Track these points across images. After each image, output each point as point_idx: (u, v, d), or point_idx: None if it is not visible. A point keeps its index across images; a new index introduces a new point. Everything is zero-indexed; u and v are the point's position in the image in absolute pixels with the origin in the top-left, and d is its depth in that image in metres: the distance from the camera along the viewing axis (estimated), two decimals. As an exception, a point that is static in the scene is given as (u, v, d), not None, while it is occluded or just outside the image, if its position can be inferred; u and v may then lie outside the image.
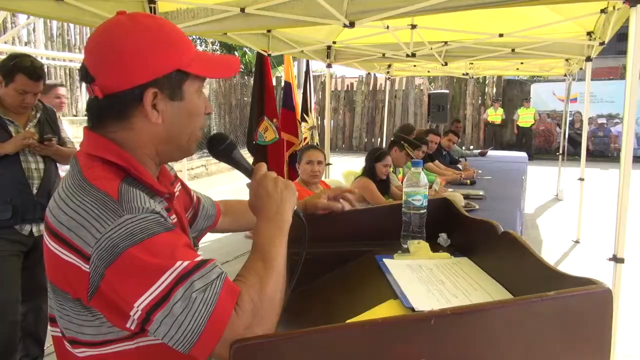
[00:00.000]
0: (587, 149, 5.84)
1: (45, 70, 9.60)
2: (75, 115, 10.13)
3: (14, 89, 2.41)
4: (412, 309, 0.94)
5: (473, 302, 0.97)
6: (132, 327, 0.79)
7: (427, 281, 1.10)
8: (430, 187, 3.76)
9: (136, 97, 0.85)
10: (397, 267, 1.19)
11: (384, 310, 1.00)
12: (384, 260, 1.24)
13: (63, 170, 2.75)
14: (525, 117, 13.58)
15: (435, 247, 1.32)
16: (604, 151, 13.61)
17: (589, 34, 4.87)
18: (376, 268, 1.22)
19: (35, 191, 2.50)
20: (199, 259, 0.78)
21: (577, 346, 0.74)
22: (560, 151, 8.70)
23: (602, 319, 0.72)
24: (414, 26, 4.73)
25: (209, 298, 0.74)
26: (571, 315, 0.72)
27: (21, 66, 2.41)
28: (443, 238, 1.36)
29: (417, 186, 1.32)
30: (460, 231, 1.34)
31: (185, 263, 0.76)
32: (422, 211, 1.33)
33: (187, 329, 0.73)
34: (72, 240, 0.77)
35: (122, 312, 0.76)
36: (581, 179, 5.72)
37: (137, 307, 0.74)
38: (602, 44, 4.65)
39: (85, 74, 0.87)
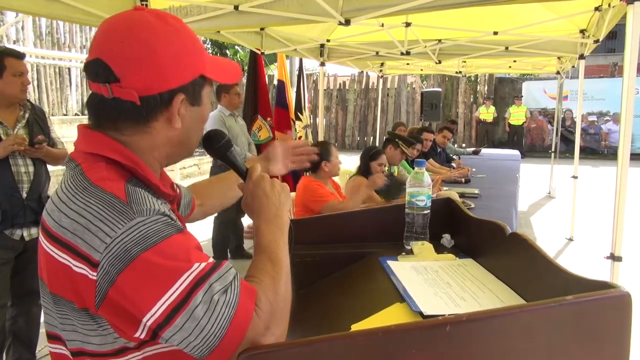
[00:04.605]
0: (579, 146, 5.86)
1: (35, 69, 9.52)
2: (65, 115, 10.03)
3: (11, 74, 2.41)
4: (421, 313, 0.91)
5: (482, 305, 0.95)
6: (142, 336, 0.74)
7: (434, 284, 1.08)
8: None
9: (165, 101, 0.82)
10: (402, 269, 1.16)
11: (391, 314, 0.98)
12: (388, 262, 1.21)
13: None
14: (516, 115, 13.64)
15: (439, 248, 1.29)
16: (595, 148, 13.71)
17: (582, 31, 4.89)
18: (380, 270, 1.19)
19: (25, 195, 2.44)
20: (212, 260, 0.76)
21: (596, 352, 0.71)
22: (553, 149, 8.73)
23: (621, 323, 0.71)
24: (408, 24, 4.72)
25: (230, 300, 0.72)
26: (590, 320, 0.70)
27: (5, 51, 2.47)
28: (447, 239, 1.34)
29: (420, 186, 1.29)
30: (463, 232, 1.31)
31: (202, 265, 0.73)
32: (425, 212, 1.30)
33: (209, 332, 0.71)
34: (76, 245, 0.73)
35: (133, 319, 0.72)
36: (574, 177, 5.74)
37: (153, 313, 0.70)
38: (596, 41, 4.66)
39: (106, 73, 0.79)
